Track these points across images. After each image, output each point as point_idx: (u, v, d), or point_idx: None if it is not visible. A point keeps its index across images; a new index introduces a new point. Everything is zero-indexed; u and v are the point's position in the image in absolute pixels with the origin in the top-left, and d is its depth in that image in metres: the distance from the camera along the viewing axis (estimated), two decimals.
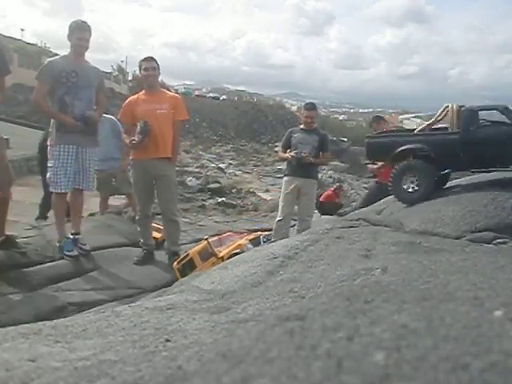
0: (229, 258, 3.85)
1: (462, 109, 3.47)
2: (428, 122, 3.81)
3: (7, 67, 3.58)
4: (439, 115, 3.64)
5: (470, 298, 0.68)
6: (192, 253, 4.23)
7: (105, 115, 5.45)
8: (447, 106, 3.52)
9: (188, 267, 4.13)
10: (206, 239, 4.30)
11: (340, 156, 22.87)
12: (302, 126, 5.18)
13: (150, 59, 4.28)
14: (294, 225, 5.29)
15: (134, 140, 4.10)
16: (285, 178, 5.17)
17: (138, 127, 4.10)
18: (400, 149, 3.46)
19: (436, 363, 0.48)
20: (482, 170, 3.53)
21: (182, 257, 4.27)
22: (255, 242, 4.32)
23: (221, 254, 4.07)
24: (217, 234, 4.99)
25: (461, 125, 3.39)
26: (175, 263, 4.22)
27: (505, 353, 0.48)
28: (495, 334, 0.52)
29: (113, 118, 5.09)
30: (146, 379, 0.81)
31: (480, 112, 3.44)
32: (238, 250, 4.08)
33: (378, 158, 4.12)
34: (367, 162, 5.06)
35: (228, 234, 5.00)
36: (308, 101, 6.20)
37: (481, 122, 3.40)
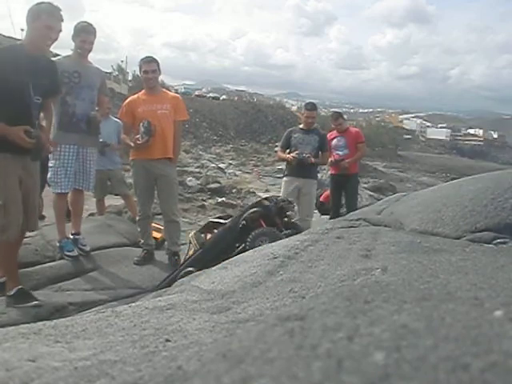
0: None
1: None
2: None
3: (60, 87, 3.54)
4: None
5: (470, 298, 0.68)
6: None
7: (111, 117, 5.44)
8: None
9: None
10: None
11: None
12: (301, 126, 5.18)
13: (151, 60, 4.19)
14: None
15: (138, 140, 4.08)
16: (284, 179, 5.17)
17: (142, 128, 4.06)
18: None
19: (436, 363, 0.48)
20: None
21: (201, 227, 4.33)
22: None
23: None
24: None
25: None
26: (192, 233, 4.24)
27: (505, 353, 0.48)
28: (495, 334, 0.52)
29: (119, 121, 5.11)
30: (145, 379, 0.81)
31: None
32: None
33: None
34: None
35: None
36: (308, 101, 6.21)
37: None
